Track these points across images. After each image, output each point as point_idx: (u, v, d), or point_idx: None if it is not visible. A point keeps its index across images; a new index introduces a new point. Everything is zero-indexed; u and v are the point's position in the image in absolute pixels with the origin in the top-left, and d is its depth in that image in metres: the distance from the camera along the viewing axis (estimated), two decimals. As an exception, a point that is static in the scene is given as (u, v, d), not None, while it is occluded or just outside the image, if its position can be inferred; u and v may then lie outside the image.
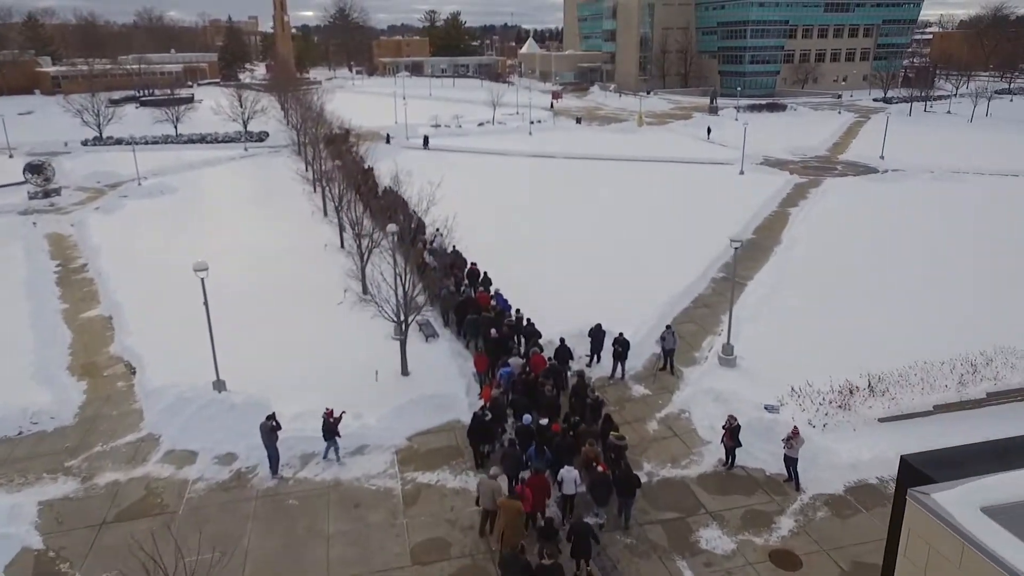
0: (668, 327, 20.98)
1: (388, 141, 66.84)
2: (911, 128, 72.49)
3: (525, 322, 22.67)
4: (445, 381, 20.61)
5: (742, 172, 49.51)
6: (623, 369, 20.92)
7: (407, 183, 33.28)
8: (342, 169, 47.82)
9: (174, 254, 32.69)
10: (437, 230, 35.72)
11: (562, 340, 20.97)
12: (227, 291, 26.05)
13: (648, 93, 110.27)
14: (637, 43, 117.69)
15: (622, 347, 20.42)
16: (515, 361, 20.04)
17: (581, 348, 22.06)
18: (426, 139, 66.54)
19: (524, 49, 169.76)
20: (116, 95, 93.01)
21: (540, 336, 21.94)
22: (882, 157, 54.69)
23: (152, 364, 21.47)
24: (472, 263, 29.18)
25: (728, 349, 21.35)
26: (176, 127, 70.93)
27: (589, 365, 21.64)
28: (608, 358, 21.23)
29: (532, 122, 77.07)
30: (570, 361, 20.79)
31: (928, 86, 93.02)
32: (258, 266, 31.26)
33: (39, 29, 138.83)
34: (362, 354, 21.46)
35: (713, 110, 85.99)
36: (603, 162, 56.25)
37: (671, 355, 21.15)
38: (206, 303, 19.07)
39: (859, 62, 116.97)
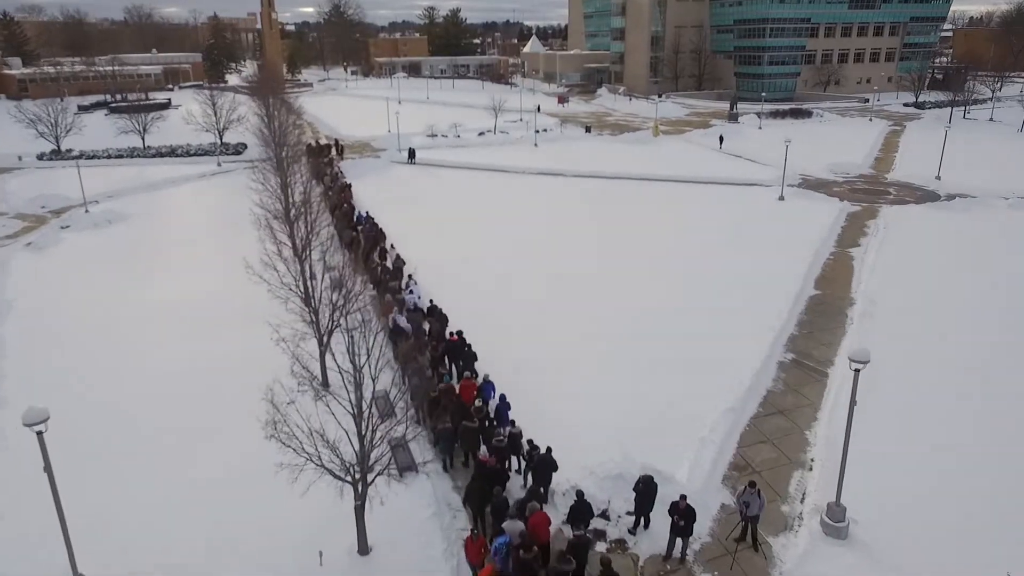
0: (751, 485, 14.22)
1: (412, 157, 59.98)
2: (955, 139, 65.62)
3: (527, 445, 16.14)
4: (425, 561, 13.97)
5: (782, 197, 42.69)
6: (684, 546, 14.22)
7: (387, 209, 26.77)
8: (324, 196, 41.25)
9: (101, 315, 26.42)
10: (410, 276, 29.20)
11: (580, 495, 14.40)
12: (140, 391, 19.38)
13: (660, 97, 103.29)
14: (648, 42, 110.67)
15: (685, 519, 13.71)
16: (512, 526, 13.44)
17: (605, 492, 15.54)
18: (411, 152, 59.54)
19: (527, 48, 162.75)
20: (87, 100, 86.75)
21: (555, 467, 15.41)
22: (938, 177, 47.83)
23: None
24: (452, 333, 22.58)
25: (836, 513, 14.61)
26: (143, 138, 64.15)
27: (633, 531, 14.96)
28: (659, 520, 14.58)
29: (537, 131, 70.28)
30: (590, 520, 14.39)
31: (961, 89, 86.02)
32: (192, 336, 24.58)
33: (13, 27, 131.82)
34: (301, 515, 14.74)
35: (733, 117, 79.11)
36: (618, 182, 49.45)
37: (755, 522, 14.44)
38: (48, 468, 12.30)
39: (884, 63, 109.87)
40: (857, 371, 13.55)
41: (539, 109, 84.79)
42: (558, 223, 38.28)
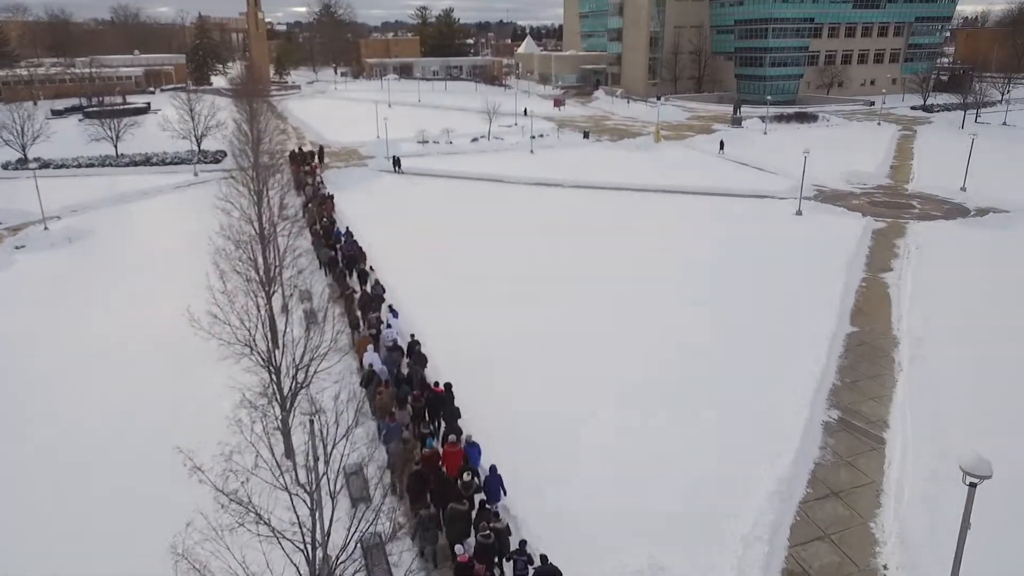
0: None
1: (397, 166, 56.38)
2: (968, 145, 62.73)
3: (516, 550, 12.88)
4: None
5: (799, 212, 39.48)
6: None
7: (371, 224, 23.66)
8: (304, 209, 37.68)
9: (44, 355, 23.10)
10: (390, 307, 25.92)
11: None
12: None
13: (659, 99, 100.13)
14: (646, 43, 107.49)
15: None
16: None
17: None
18: (396, 160, 56.01)
19: (521, 49, 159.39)
20: (61, 104, 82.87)
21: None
22: (964, 188, 44.76)
23: None
24: (437, 382, 19.43)
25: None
26: (116, 146, 60.46)
27: None
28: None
29: (533, 136, 66.99)
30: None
31: (968, 91, 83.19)
32: (125, 386, 21.15)
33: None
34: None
35: (736, 121, 76.02)
36: (621, 193, 46.15)
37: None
38: None
39: (888, 64, 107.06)
40: (973, 486, 10.27)
41: (526, 112, 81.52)
42: (558, 242, 34.93)
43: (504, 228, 37.87)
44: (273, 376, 17.17)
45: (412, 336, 23.06)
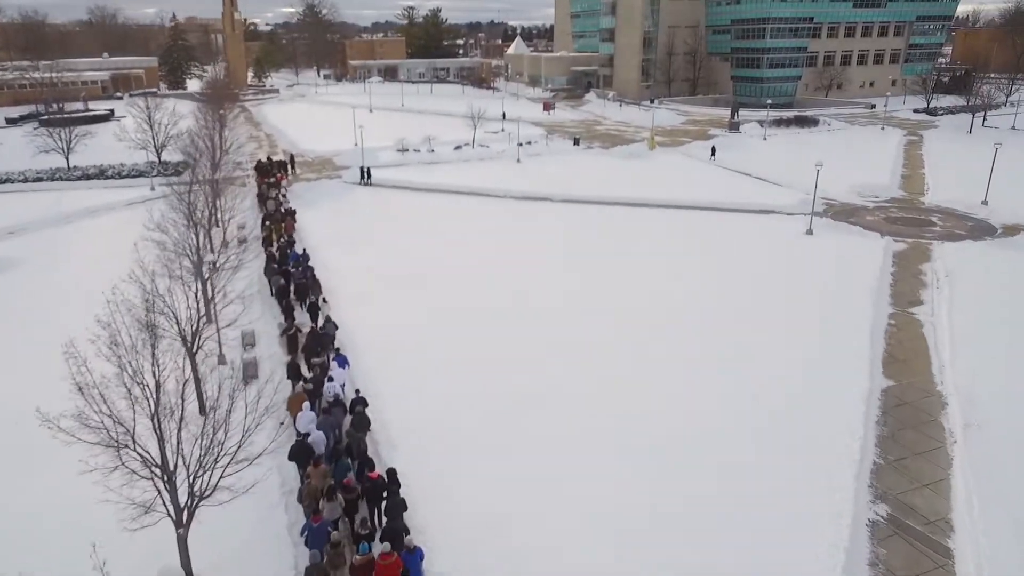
0: None
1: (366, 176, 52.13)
2: (981, 151, 59.25)
3: None
4: None
5: (810, 231, 35.63)
6: None
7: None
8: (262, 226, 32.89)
9: None
10: (337, 350, 21.82)
11: None
12: None
13: (653, 102, 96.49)
14: (640, 44, 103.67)
15: None
16: None
17: None
18: (364, 172, 51.84)
19: (511, 50, 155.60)
20: (16, 112, 78.11)
21: None
22: (985, 202, 41.06)
23: None
24: (375, 470, 15.64)
25: None
26: (67, 158, 55.99)
27: None
28: None
29: (521, 144, 63.01)
30: None
31: (971, 93, 79.80)
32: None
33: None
34: None
35: (734, 126, 72.31)
36: (612, 209, 42.19)
37: None
38: None
39: (888, 65, 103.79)
40: None
41: (505, 116, 77.54)
42: (545, 271, 30.89)
43: (484, 253, 33.80)
44: (165, 486, 13.23)
45: (357, 392, 19.04)
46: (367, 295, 28.81)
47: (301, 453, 16.50)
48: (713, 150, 58.33)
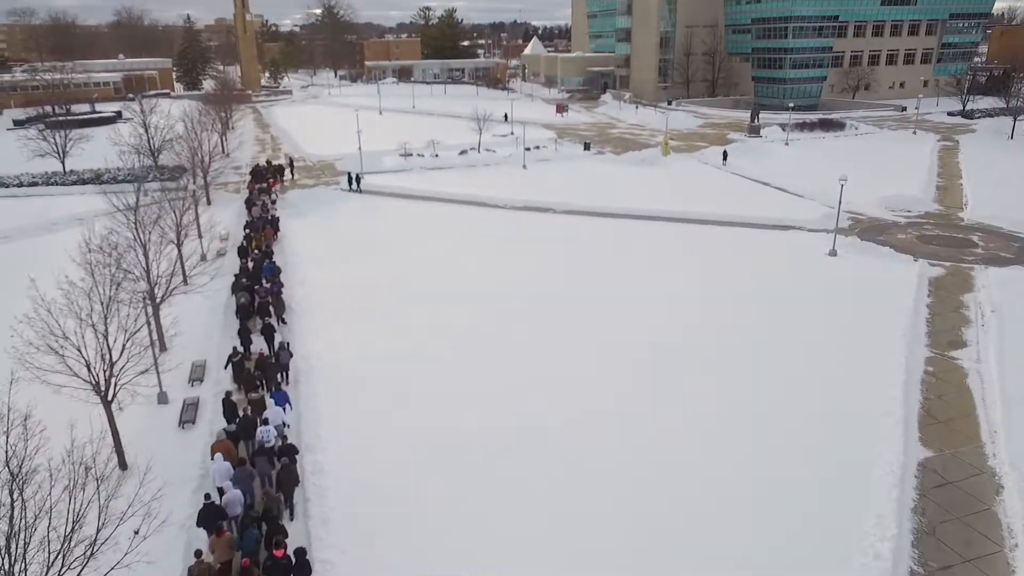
0: None
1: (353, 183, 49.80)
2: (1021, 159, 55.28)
3: None
4: None
5: (834, 252, 32.40)
6: None
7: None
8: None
9: None
10: (277, 386, 19.50)
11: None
12: None
13: (670, 104, 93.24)
14: (656, 44, 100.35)
15: None
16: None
17: None
18: (352, 178, 49.38)
19: (528, 50, 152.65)
20: (25, 113, 77.48)
21: None
22: (1031, 218, 37.42)
23: None
24: (280, 547, 13.31)
25: None
26: (63, 162, 54.63)
27: None
28: None
29: (528, 148, 60.35)
30: None
31: (1009, 94, 75.12)
32: None
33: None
34: None
35: (754, 130, 68.81)
36: (619, 222, 39.30)
37: None
38: None
39: (919, 65, 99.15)
40: None
41: (506, 117, 74.76)
42: (537, 294, 28.13)
43: (472, 272, 31.12)
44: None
45: (284, 439, 16.54)
46: (340, 317, 26.39)
47: (210, 517, 13.98)
48: (725, 155, 55.26)
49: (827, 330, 24.01)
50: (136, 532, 10.63)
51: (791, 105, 70.58)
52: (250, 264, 30.45)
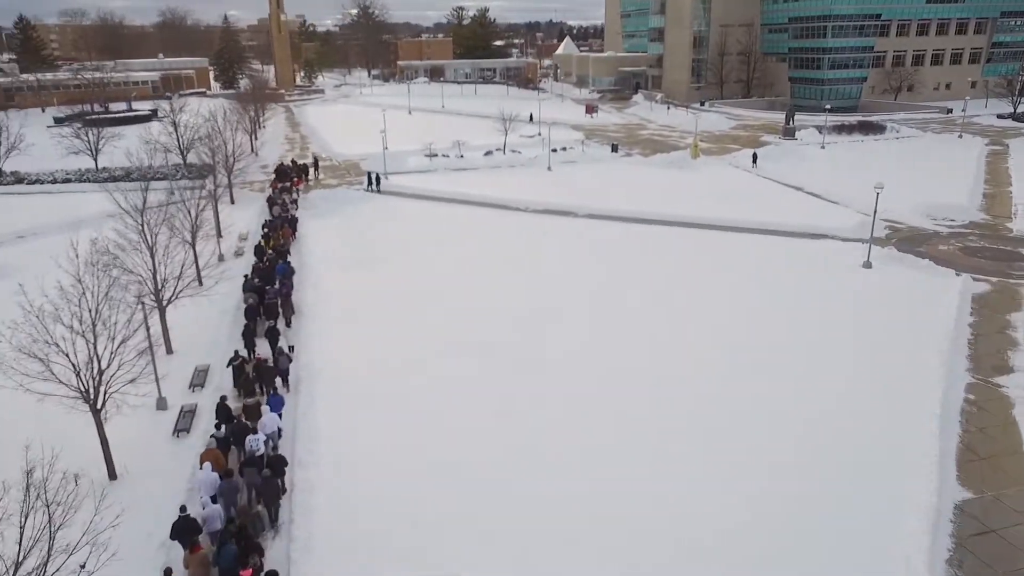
0: None
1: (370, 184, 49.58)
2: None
3: None
4: None
5: (868, 263, 30.71)
6: None
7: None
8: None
9: None
10: (273, 391, 19.14)
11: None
12: None
13: (703, 105, 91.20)
14: (690, 44, 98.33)
15: None
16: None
17: None
18: (371, 178, 49.01)
19: (560, 50, 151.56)
20: (65, 111, 79.44)
21: None
22: (1086, 229, 35.09)
23: None
24: (247, 568, 12.71)
25: None
26: (96, 159, 55.55)
27: None
28: None
29: (554, 150, 59.37)
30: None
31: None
32: None
33: (30, 32, 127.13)
34: None
35: (789, 132, 66.65)
36: (641, 227, 38.09)
37: None
38: None
39: (967, 65, 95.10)
40: None
41: (532, 118, 73.83)
42: (553, 303, 27.24)
43: (487, 278, 30.31)
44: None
45: (274, 451, 15.94)
46: (349, 322, 25.86)
47: (184, 531, 13.44)
48: (755, 157, 53.54)
49: (857, 349, 22.52)
50: (82, 567, 10.07)
51: (827, 107, 68.17)
52: (264, 264, 30.20)
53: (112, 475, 16.12)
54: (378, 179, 48.83)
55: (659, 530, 14.45)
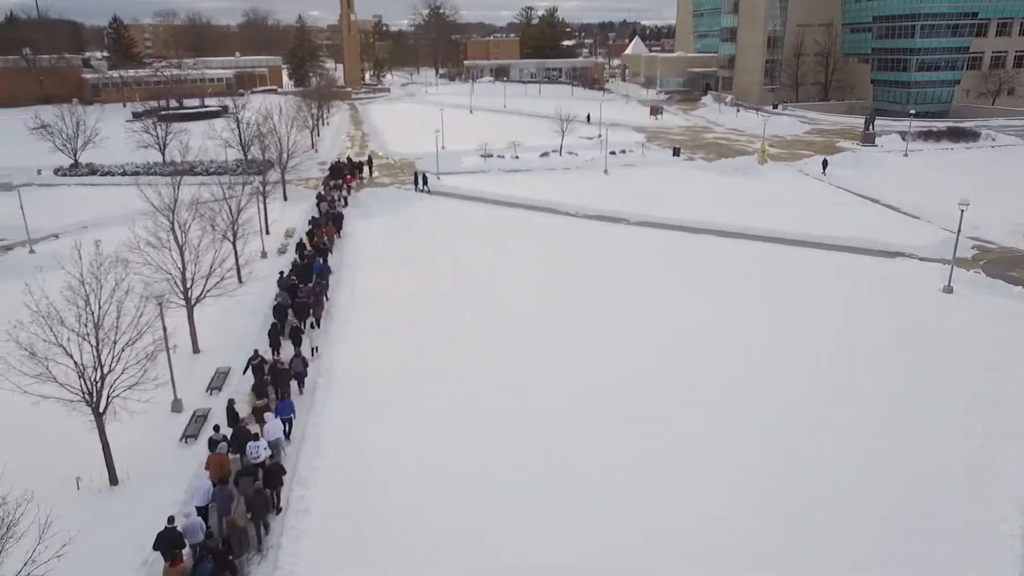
0: None
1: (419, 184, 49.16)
2: None
3: None
4: None
5: (949, 288, 27.58)
6: None
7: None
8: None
9: None
10: (284, 394, 18.24)
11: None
12: None
13: (775, 107, 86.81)
14: (764, 44, 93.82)
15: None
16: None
17: None
18: (418, 178, 48.40)
19: (629, 50, 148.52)
20: (142, 107, 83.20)
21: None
22: None
23: None
24: None
25: None
26: (163, 153, 57.43)
27: None
28: None
29: (612, 152, 57.44)
30: None
31: None
32: None
33: (122, 31, 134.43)
34: None
35: (868, 138, 62.19)
36: (696, 237, 35.87)
37: None
38: None
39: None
40: None
41: (589, 119, 71.96)
42: (594, 317, 25.68)
43: (528, 287, 29.02)
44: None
45: (271, 458, 15.12)
46: (379, 326, 25.13)
47: (167, 543, 12.76)
48: (825, 164, 50.09)
49: (930, 388, 19.92)
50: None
51: (911, 111, 63.25)
52: (303, 261, 29.91)
53: (113, 480, 15.75)
54: (425, 179, 48.27)
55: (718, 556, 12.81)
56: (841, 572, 13.18)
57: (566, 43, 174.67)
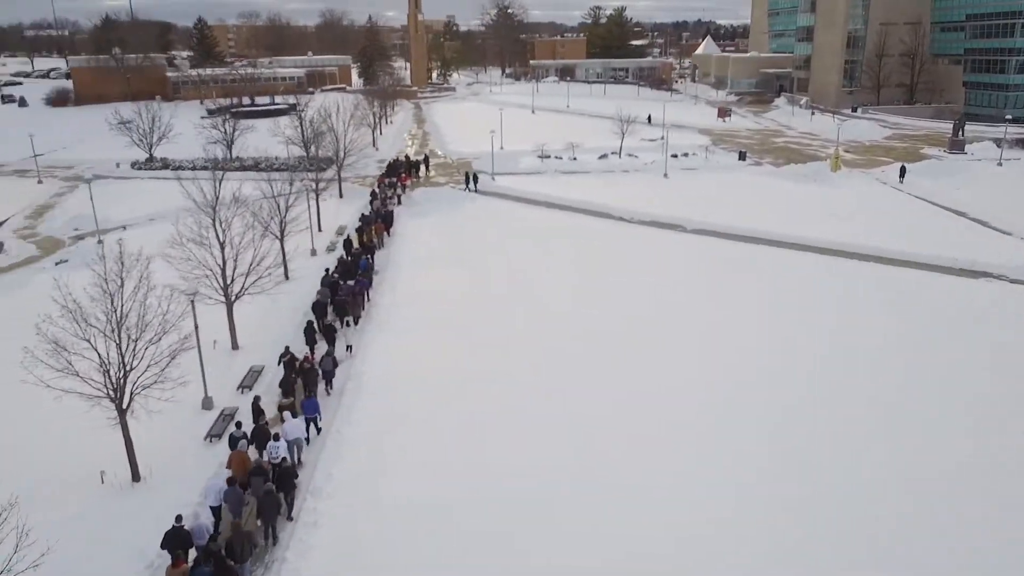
0: None
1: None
2: None
3: None
4: None
5: (1041, 316, 24.87)
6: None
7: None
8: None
9: None
10: (310, 393, 18.42)
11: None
12: None
13: (854, 110, 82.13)
14: (842, 43, 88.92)
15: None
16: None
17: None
18: (470, 178, 47.91)
19: (699, 50, 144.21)
20: (216, 104, 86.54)
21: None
22: None
23: None
24: None
25: None
26: (230, 149, 59.32)
27: None
28: None
29: (675, 155, 55.52)
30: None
31: None
32: None
33: (205, 31, 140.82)
34: None
35: (957, 144, 57.76)
36: (755, 248, 33.86)
37: None
38: None
39: None
40: None
41: (650, 120, 70.06)
42: (638, 328, 24.44)
43: (573, 295, 28.02)
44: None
45: (283, 461, 14.75)
46: (417, 328, 24.67)
47: (173, 543, 12.57)
48: (903, 171, 46.75)
49: (1015, 437, 17.73)
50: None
51: (1008, 116, 58.35)
52: (349, 259, 29.95)
53: (136, 477, 15.81)
54: (476, 179, 47.86)
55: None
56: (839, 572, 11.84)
57: (635, 43, 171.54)
